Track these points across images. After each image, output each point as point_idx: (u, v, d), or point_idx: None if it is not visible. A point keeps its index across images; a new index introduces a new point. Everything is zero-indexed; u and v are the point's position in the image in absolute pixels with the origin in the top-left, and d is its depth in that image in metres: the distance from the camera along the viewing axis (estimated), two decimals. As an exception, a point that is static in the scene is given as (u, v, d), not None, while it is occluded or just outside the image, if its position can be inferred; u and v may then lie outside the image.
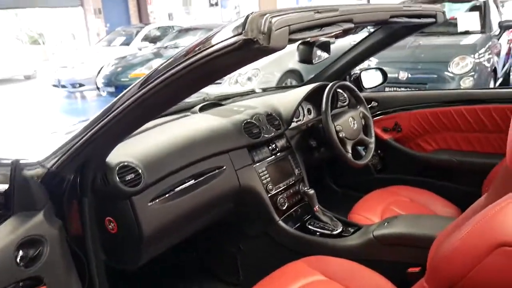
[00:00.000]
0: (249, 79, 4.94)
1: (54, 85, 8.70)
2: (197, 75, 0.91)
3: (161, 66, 0.96)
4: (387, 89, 4.47)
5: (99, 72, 7.82)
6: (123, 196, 1.26)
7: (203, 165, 1.49)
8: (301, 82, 2.82)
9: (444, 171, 2.09)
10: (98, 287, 1.36)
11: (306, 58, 1.32)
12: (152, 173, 1.32)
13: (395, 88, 4.66)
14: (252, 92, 2.23)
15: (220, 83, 4.84)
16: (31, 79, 12.04)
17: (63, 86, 8.53)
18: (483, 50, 4.71)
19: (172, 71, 0.91)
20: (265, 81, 4.93)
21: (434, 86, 4.51)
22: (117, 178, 1.24)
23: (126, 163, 1.28)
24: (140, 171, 1.29)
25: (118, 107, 1.03)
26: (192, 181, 1.45)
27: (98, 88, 7.80)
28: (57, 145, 1.18)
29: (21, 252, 1.06)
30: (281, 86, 2.39)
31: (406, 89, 4.55)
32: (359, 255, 1.48)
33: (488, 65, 4.70)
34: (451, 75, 4.52)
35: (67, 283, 1.16)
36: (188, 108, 1.89)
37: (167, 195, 1.37)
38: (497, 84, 5.21)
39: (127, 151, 1.34)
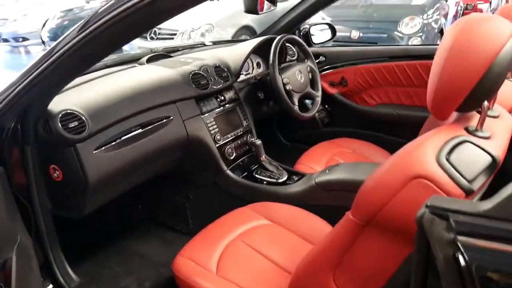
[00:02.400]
0: (202, 35, 4.84)
1: (-6, 39, 8.14)
2: (140, 17, 0.89)
3: (102, 8, 0.93)
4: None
5: (43, 26, 7.37)
6: (66, 143, 1.25)
7: (150, 115, 1.49)
8: (254, 37, 2.81)
9: (386, 124, 2.20)
10: (46, 236, 1.37)
11: (251, 8, 1.32)
12: (96, 121, 1.31)
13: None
14: (202, 45, 2.21)
15: (173, 38, 4.72)
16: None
17: (5, 40, 8.01)
18: (431, 11, 4.84)
19: (115, 12, 0.88)
20: (219, 37, 4.85)
21: (384, 46, 4.61)
22: (60, 125, 1.22)
23: (69, 111, 1.26)
24: (84, 118, 1.27)
25: (57, 52, 0.99)
26: (139, 130, 1.45)
27: (43, 42, 7.38)
28: None
29: None
30: (231, 40, 2.38)
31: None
32: (302, 200, 1.57)
33: (435, 26, 4.85)
34: (400, 35, 4.64)
35: (10, 228, 1.15)
36: (135, 60, 1.85)
37: (113, 144, 1.37)
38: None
39: (71, 100, 1.31)
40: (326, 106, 2.40)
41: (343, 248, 0.85)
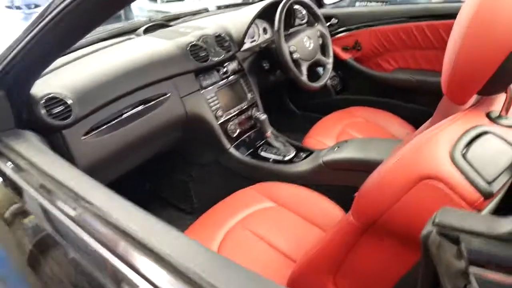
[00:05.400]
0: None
1: (8, 7, 8.15)
2: None
3: None
4: (357, 4, 4.27)
5: (54, -9, 7.32)
6: (51, 130, 1.17)
7: (144, 94, 1.39)
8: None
9: (403, 90, 2.04)
10: None
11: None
12: (84, 104, 1.21)
13: (365, 3, 4.45)
14: (204, 11, 2.07)
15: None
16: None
17: (18, 8, 8.00)
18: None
19: None
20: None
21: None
22: (43, 111, 1.13)
23: (53, 95, 1.16)
24: (69, 102, 1.18)
25: (40, 23, 0.85)
26: (133, 111, 1.36)
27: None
28: None
29: None
30: (237, 4, 2.22)
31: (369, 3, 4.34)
32: (309, 180, 1.48)
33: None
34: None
35: None
36: (133, 30, 1.74)
37: (104, 127, 1.28)
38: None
39: (56, 82, 1.22)
40: (339, 72, 2.25)
41: (342, 252, 0.76)
